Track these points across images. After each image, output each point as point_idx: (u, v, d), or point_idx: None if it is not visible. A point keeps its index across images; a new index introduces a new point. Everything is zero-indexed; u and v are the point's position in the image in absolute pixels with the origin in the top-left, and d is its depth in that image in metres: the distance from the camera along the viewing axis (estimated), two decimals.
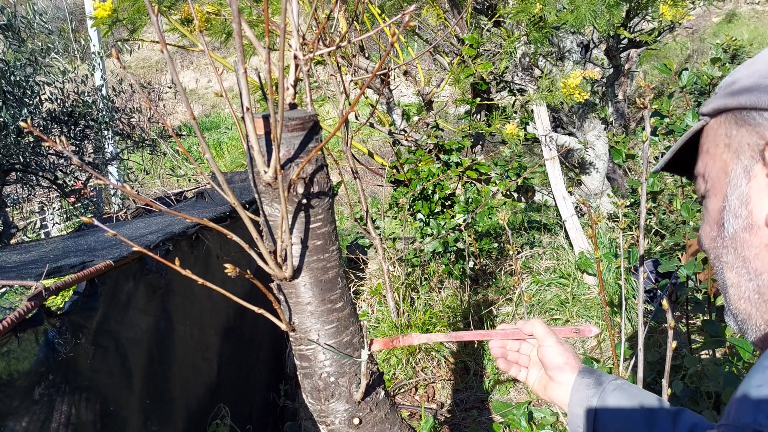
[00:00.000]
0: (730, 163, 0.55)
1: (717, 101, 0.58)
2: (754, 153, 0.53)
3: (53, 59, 4.21)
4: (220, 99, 13.77)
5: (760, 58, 0.56)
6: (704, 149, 0.60)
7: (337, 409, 0.99)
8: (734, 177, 0.55)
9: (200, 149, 0.80)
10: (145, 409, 1.49)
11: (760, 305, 0.54)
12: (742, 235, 0.54)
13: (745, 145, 0.53)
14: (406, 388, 2.98)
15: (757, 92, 0.52)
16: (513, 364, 0.95)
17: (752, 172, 0.53)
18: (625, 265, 2.17)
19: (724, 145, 0.56)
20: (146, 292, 1.57)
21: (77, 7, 11.84)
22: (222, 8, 3.45)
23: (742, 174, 0.54)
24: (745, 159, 0.54)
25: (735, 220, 0.55)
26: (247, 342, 2.41)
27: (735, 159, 0.55)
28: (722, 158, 0.56)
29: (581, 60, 3.96)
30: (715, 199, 0.58)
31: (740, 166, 0.54)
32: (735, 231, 0.55)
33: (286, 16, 0.67)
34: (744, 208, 0.54)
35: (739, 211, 0.54)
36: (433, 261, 3.66)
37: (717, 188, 0.57)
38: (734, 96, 0.55)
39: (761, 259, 0.53)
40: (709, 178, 0.59)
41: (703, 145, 0.61)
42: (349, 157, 2.28)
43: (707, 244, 0.60)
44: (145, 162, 6.35)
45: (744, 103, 0.53)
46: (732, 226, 0.55)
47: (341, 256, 1.00)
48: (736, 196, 0.55)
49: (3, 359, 1.03)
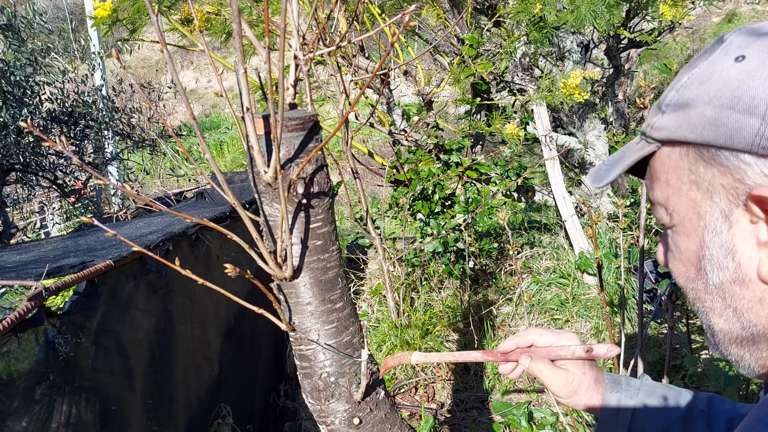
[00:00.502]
0: (701, 203, 0.51)
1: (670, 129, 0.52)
2: (732, 197, 0.48)
3: (53, 59, 4.21)
4: (220, 99, 13.78)
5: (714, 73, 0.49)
6: (661, 178, 0.55)
7: (337, 409, 0.99)
8: (711, 221, 0.51)
9: (200, 149, 0.80)
10: (146, 409, 1.49)
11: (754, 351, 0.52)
12: (731, 287, 0.51)
13: (719, 185, 0.49)
14: (406, 388, 2.98)
15: (724, 128, 0.47)
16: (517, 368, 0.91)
17: (732, 217, 0.49)
18: (625, 265, 2.17)
19: (690, 181, 0.51)
20: (147, 292, 1.57)
21: (77, 7, 11.84)
22: (222, 8, 3.45)
23: (721, 218, 0.50)
24: (722, 202, 0.49)
25: (720, 272, 0.51)
26: (248, 342, 2.42)
27: (707, 200, 0.50)
28: (689, 196, 0.52)
29: (581, 60, 3.96)
30: (688, 240, 0.54)
31: (716, 210, 0.50)
32: (722, 282, 0.52)
33: (286, 16, 0.67)
34: (730, 259, 0.50)
35: (724, 262, 0.51)
36: (433, 261, 3.66)
37: (689, 228, 0.53)
38: (695, 129, 0.49)
39: (755, 312, 0.50)
40: (674, 214, 0.54)
41: (657, 172, 0.55)
42: (349, 157, 2.28)
43: (682, 282, 0.57)
44: (145, 162, 6.36)
45: (711, 140, 0.48)
46: (717, 276, 0.52)
47: (341, 256, 1.00)
48: (717, 245, 0.51)
49: (3, 359, 1.03)
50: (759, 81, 0.46)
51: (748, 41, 0.49)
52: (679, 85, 0.52)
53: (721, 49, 0.51)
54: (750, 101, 0.46)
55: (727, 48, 0.50)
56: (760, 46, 0.47)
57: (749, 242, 0.49)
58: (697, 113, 0.49)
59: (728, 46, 0.50)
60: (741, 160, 0.47)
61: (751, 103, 0.46)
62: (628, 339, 2.93)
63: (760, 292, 0.49)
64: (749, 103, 0.46)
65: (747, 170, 0.46)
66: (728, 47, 0.50)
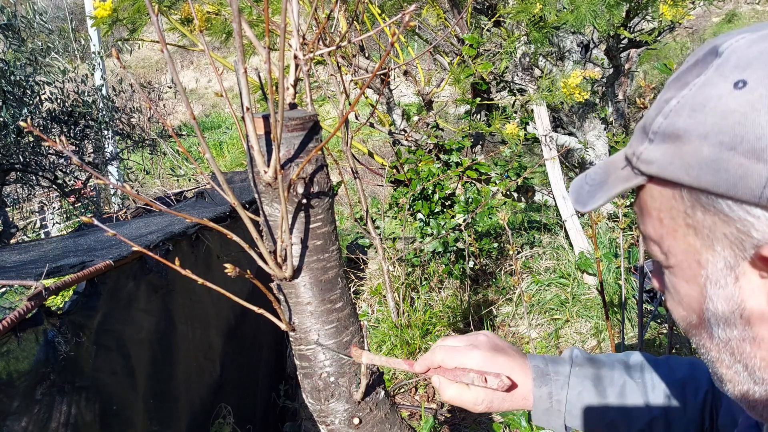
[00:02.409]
0: (702, 251, 0.46)
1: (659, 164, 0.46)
2: (737, 249, 0.43)
3: (53, 59, 4.22)
4: (220, 99, 13.77)
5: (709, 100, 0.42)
6: (653, 214, 0.49)
7: (337, 409, 0.99)
8: (713, 272, 0.46)
9: (200, 149, 0.80)
10: (147, 408, 1.49)
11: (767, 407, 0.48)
12: (740, 345, 0.46)
13: (721, 235, 0.43)
14: (406, 388, 2.98)
15: (725, 173, 0.40)
16: None
17: (738, 269, 0.44)
18: (625, 265, 2.17)
19: (687, 224, 0.46)
20: (147, 292, 1.57)
21: (77, 6, 11.84)
22: (222, 8, 3.45)
23: (725, 270, 0.45)
24: (725, 252, 0.44)
25: (728, 328, 0.47)
26: (249, 342, 2.42)
27: (708, 248, 0.45)
28: (686, 240, 0.47)
29: (581, 60, 3.96)
30: (688, 286, 0.49)
31: (720, 260, 0.45)
32: (730, 339, 0.47)
33: (286, 16, 0.67)
34: (738, 316, 0.45)
35: (731, 318, 0.46)
36: (433, 261, 3.66)
37: (688, 275, 0.48)
38: (689, 169, 0.43)
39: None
40: (671, 255, 0.49)
41: (649, 207, 0.49)
42: (349, 157, 2.28)
43: (683, 326, 0.53)
44: (145, 162, 6.36)
45: (710, 188, 0.42)
46: (725, 333, 0.47)
47: (341, 256, 1.00)
48: (722, 298, 0.46)
49: (3, 359, 1.03)
50: (766, 117, 0.38)
51: (749, 60, 0.41)
52: (668, 110, 0.45)
53: (716, 67, 0.43)
54: (755, 142, 0.38)
55: (723, 67, 0.42)
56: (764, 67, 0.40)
57: (759, 297, 0.44)
58: (692, 150, 0.42)
59: (724, 65, 0.42)
60: (747, 211, 0.41)
61: (756, 144, 0.38)
62: (628, 339, 2.93)
63: None
64: (754, 145, 0.39)
65: (755, 223, 0.41)
66: (724, 66, 0.42)
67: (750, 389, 0.48)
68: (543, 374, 0.79)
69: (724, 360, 0.49)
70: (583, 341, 3.24)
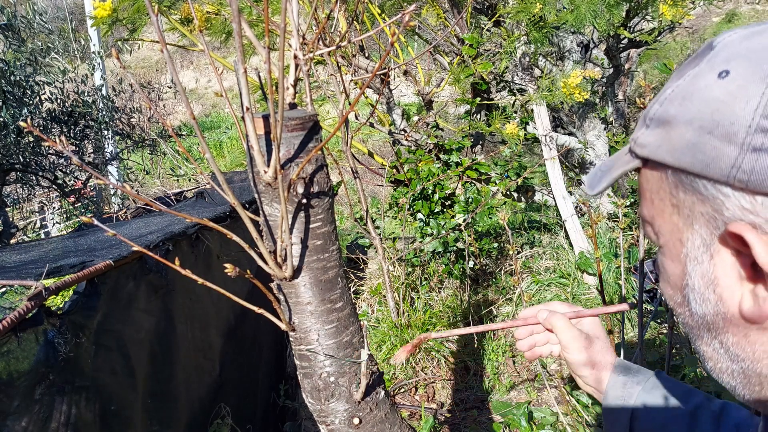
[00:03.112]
0: (683, 230, 0.49)
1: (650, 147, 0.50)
2: (712, 227, 0.46)
3: (53, 59, 4.22)
4: (220, 99, 13.77)
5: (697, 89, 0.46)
6: (646, 196, 0.53)
7: (337, 409, 0.99)
8: (692, 249, 0.49)
9: (200, 149, 0.80)
10: (146, 408, 1.49)
11: (746, 384, 0.50)
12: (715, 320, 0.49)
13: (698, 213, 0.47)
14: (406, 388, 2.98)
15: (701, 155, 0.44)
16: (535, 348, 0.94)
17: (713, 247, 0.47)
18: (625, 265, 2.17)
19: (672, 205, 0.49)
20: (147, 292, 1.57)
21: (77, 6, 11.85)
22: (222, 8, 3.45)
23: (702, 248, 0.48)
24: (702, 230, 0.47)
25: (704, 303, 0.49)
26: (249, 342, 2.42)
27: (689, 226, 0.48)
28: (672, 220, 0.50)
29: (581, 60, 3.96)
30: (672, 264, 0.52)
31: (698, 238, 0.48)
32: (705, 314, 0.50)
33: (286, 16, 0.67)
34: (711, 291, 0.48)
35: (706, 294, 0.49)
36: (433, 261, 3.66)
37: (673, 253, 0.51)
38: (674, 152, 0.47)
39: (741, 348, 0.48)
40: (660, 235, 0.53)
41: (644, 190, 0.54)
42: (349, 157, 2.28)
43: (671, 305, 0.55)
44: (145, 162, 6.36)
45: (688, 167, 0.45)
46: (701, 308, 0.50)
47: (341, 256, 1.00)
48: (699, 275, 0.49)
49: (3, 359, 1.03)
50: (740, 104, 0.42)
51: (736, 53, 0.44)
52: (663, 98, 0.49)
53: (708, 60, 0.47)
54: (729, 127, 0.42)
55: (713, 59, 0.46)
56: (746, 60, 0.43)
57: (731, 275, 0.46)
58: (678, 134, 0.46)
59: (714, 57, 0.46)
60: (719, 190, 0.44)
61: (729, 129, 0.42)
62: (628, 339, 2.93)
63: (744, 328, 0.47)
64: (728, 129, 0.42)
65: (725, 201, 0.44)
66: (714, 58, 0.46)
67: (728, 367, 0.50)
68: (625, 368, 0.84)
69: (704, 337, 0.51)
70: None
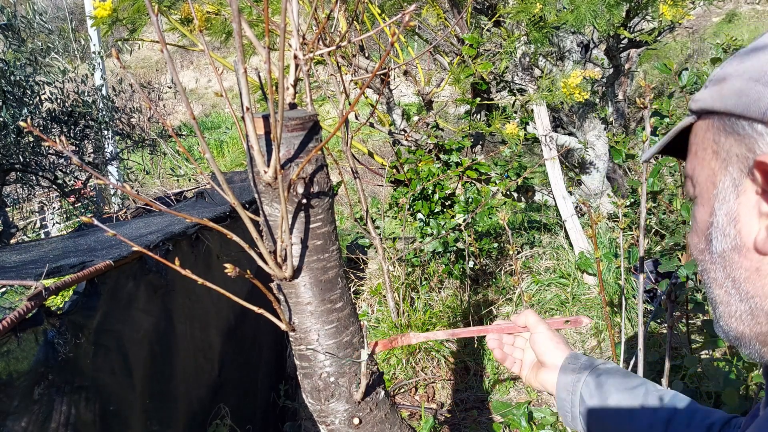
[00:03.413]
0: (718, 173, 0.52)
1: (704, 100, 0.54)
2: (742, 166, 0.49)
3: (53, 59, 4.21)
4: (220, 99, 13.77)
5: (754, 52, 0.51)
6: (692, 150, 0.57)
7: (337, 409, 0.99)
8: (722, 189, 0.52)
9: (200, 149, 0.80)
10: (145, 409, 1.49)
11: (754, 326, 0.52)
12: (731, 255, 0.51)
13: (734, 156, 0.50)
14: (406, 388, 2.98)
15: (745, 98, 0.48)
16: (508, 356, 0.99)
17: (741, 187, 0.50)
18: (625, 265, 2.17)
19: (712, 151, 0.53)
20: (146, 292, 1.57)
21: (77, 6, 11.85)
22: (222, 8, 3.45)
23: (731, 188, 0.51)
24: (734, 171, 0.50)
25: (723, 239, 0.52)
26: (249, 342, 2.41)
27: (723, 169, 0.52)
28: (710, 166, 0.53)
29: (581, 60, 3.96)
30: (703, 209, 0.55)
31: (729, 179, 0.51)
32: (723, 250, 0.52)
33: (286, 16, 0.67)
34: (732, 227, 0.51)
35: (727, 229, 0.51)
36: (433, 261, 3.66)
37: (705, 198, 0.55)
38: (723, 98, 0.51)
39: (752, 282, 0.50)
40: (697, 184, 0.56)
41: (692, 145, 0.57)
42: (349, 157, 2.28)
43: (696, 255, 0.58)
44: (145, 162, 6.36)
45: (732, 109, 0.50)
46: (720, 244, 0.52)
47: (341, 256, 1.00)
48: (724, 212, 0.52)
49: (3, 359, 1.03)
50: None
51: None
52: (725, 62, 0.54)
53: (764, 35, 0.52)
54: None
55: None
56: None
57: (752, 212, 0.49)
58: (729, 85, 0.51)
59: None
60: (754, 129, 0.48)
61: None
62: (628, 339, 2.93)
63: (756, 262, 0.49)
64: None
65: (759, 140, 0.47)
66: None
67: (737, 309, 0.52)
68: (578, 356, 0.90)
69: (718, 278, 0.54)
70: (583, 341, 3.24)
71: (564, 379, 0.87)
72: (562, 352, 0.89)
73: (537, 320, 0.93)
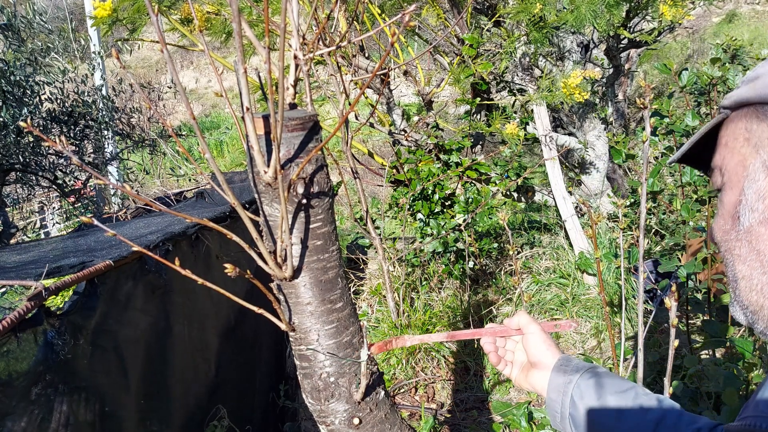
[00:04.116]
0: (748, 157, 0.56)
1: (739, 94, 0.58)
2: None
3: (53, 59, 4.21)
4: (220, 99, 13.76)
5: None
6: (722, 142, 0.61)
7: (337, 409, 0.99)
8: (752, 171, 0.56)
9: (200, 149, 0.80)
10: (143, 409, 1.49)
11: None
12: (757, 228, 0.55)
13: (766, 139, 0.54)
14: (406, 388, 2.98)
15: None
16: (501, 359, 1.00)
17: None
18: (625, 265, 2.17)
19: (744, 139, 0.57)
20: (146, 292, 1.57)
21: (77, 6, 11.85)
22: (222, 8, 3.45)
23: (761, 168, 0.55)
24: (765, 153, 0.54)
25: (751, 214, 0.55)
26: (248, 342, 2.41)
27: (754, 153, 0.56)
28: (741, 152, 0.57)
29: (581, 60, 3.96)
30: (731, 192, 0.58)
31: (759, 161, 0.55)
32: (751, 224, 0.56)
33: (286, 16, 0.67)
34: (761, 202, 0.54)
35: (755, 205, 0.55)
36: (433, 261, 3.65)
37: (734, 181, 0.58)
38: (756, 90, 0.55)
39: None
40: (726, 171, 0.59)
41: (721, 138, 0.61)
42: (349, 157, 2.28)
43: (719, 237, 0.61)
44: (145, 162, 6.36)
45: (765, 98, 0.54)
46: (748, 219, 0.56)
47: (341, 256, 1.00)
48: (753, 190, 0.55)
49: (2, 359, 1.03)
50: None
51: None
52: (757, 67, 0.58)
53: None
54: None
55: None
56: None
57: None
58: (762, 81, 0.55)
59: None
60: None
61: None
62: (628, 339, 2.92)
63: None
64: None
65: None
66: None
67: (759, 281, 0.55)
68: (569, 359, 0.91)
69: (743, 254, 0.57)
70: (583, 341, 3.24)
71: (556, 380, 0.87)
72: (554, 354, 0.91)
73: (529, 321, 0.95)
